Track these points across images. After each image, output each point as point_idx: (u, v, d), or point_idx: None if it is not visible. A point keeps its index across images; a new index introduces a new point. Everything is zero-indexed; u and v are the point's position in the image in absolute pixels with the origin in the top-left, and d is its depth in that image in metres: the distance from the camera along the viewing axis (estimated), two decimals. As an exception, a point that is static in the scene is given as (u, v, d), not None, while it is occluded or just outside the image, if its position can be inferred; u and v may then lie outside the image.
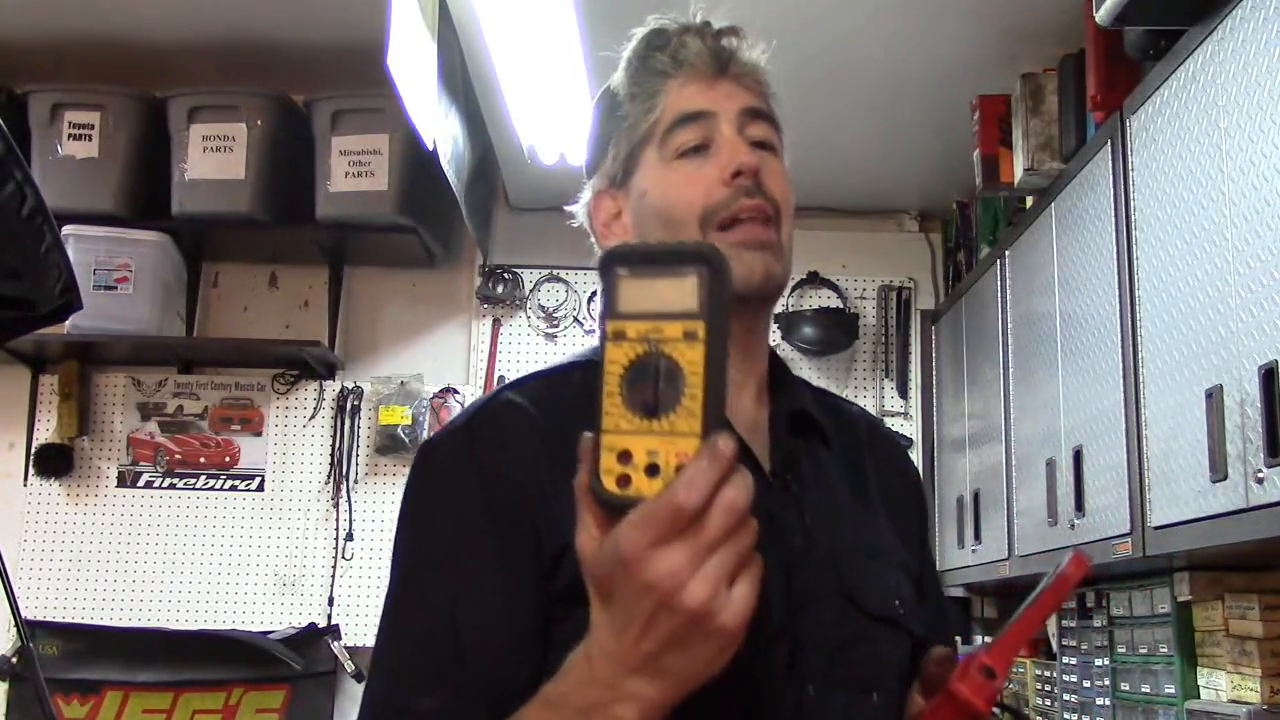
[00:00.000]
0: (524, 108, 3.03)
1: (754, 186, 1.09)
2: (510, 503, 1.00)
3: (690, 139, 1.11)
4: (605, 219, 1.17)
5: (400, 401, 3.71)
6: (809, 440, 1.13)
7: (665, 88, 1.13)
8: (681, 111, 1.11)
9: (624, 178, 1.15)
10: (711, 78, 1.13)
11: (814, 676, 1.01)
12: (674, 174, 1.11)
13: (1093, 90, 2.45)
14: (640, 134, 1.13)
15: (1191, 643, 2.32)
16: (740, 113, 1.12)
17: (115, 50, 3.39)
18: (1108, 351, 2.36)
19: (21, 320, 1.97)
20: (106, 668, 3.49)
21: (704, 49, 1.13)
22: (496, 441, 1.04)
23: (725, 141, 1.11)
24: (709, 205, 1.08)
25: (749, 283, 1.07)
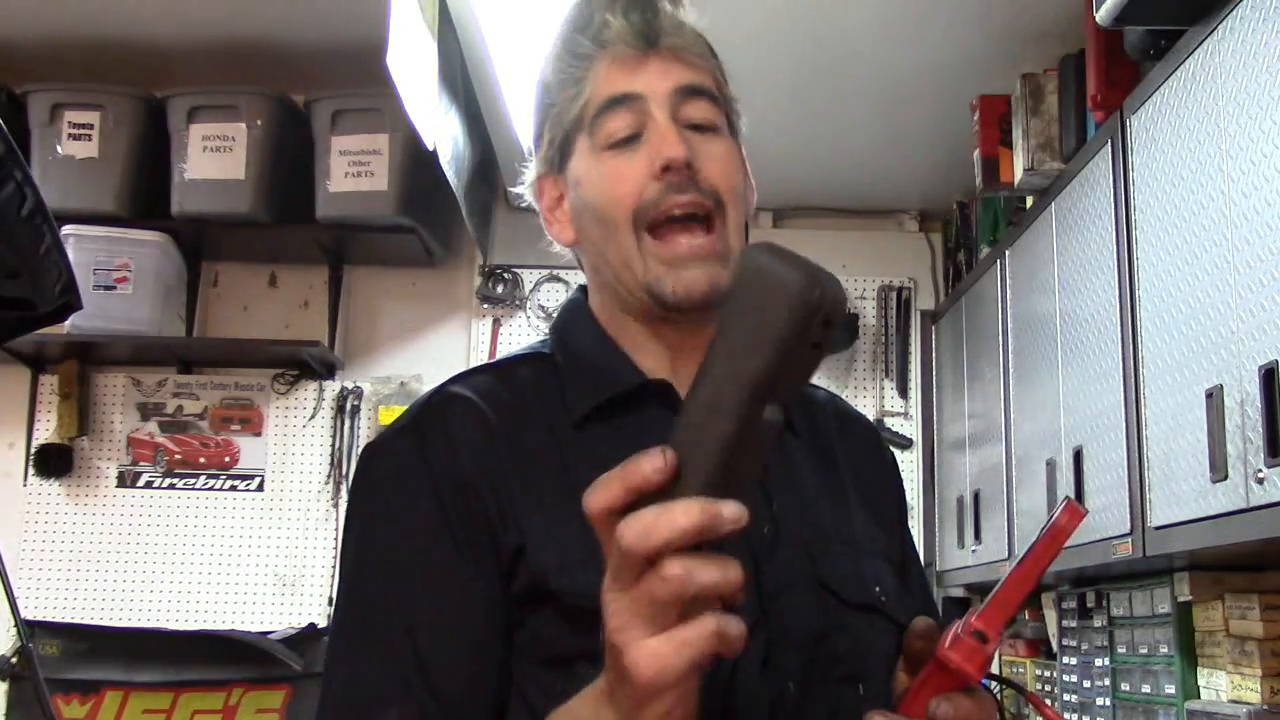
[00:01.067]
0: (524, 108, 3.03)
1: (685, 181, 1.01)
2: (463, 504, 0.96)
3: (619, 127, 1.03)
4: (549, 204, 1.13)
5: (400, 401, 3.70)
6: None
7: (590, 71, 1.05)
8: (607, 96, 1.03)
9: (560, 164, 1.09)
10: (638, 55, 1.04)
11: (792, 671, 0.96)
12: (604, 167, 1.04)
13: (1093, 90, 2.45)
14: (569, 120, 1.06)
15: (1191, 643, 2.32)
16: (672, 93, 1.03)
17: (115, 50, 3.39)
18: (1108, 351, 2.36)
19: (21, 320, 1.97)
20: (106, 668, 3.49)
21: (626, 25, 1.04)
22: (445, 440, 1.00)
23: (654, 129, 1.02)
24: (639, 204, 1.02)
25: (691, 298, 1.01)
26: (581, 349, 1.09)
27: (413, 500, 0.98)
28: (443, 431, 1.00)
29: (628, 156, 1.03)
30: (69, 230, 3.25)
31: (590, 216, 1.06)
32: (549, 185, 1.12)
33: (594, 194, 1.05)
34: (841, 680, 0.99)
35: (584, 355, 1.08)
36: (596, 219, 1.05)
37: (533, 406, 1.03)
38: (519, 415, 1.02)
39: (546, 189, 1.12)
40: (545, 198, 1.13)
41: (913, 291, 3.95)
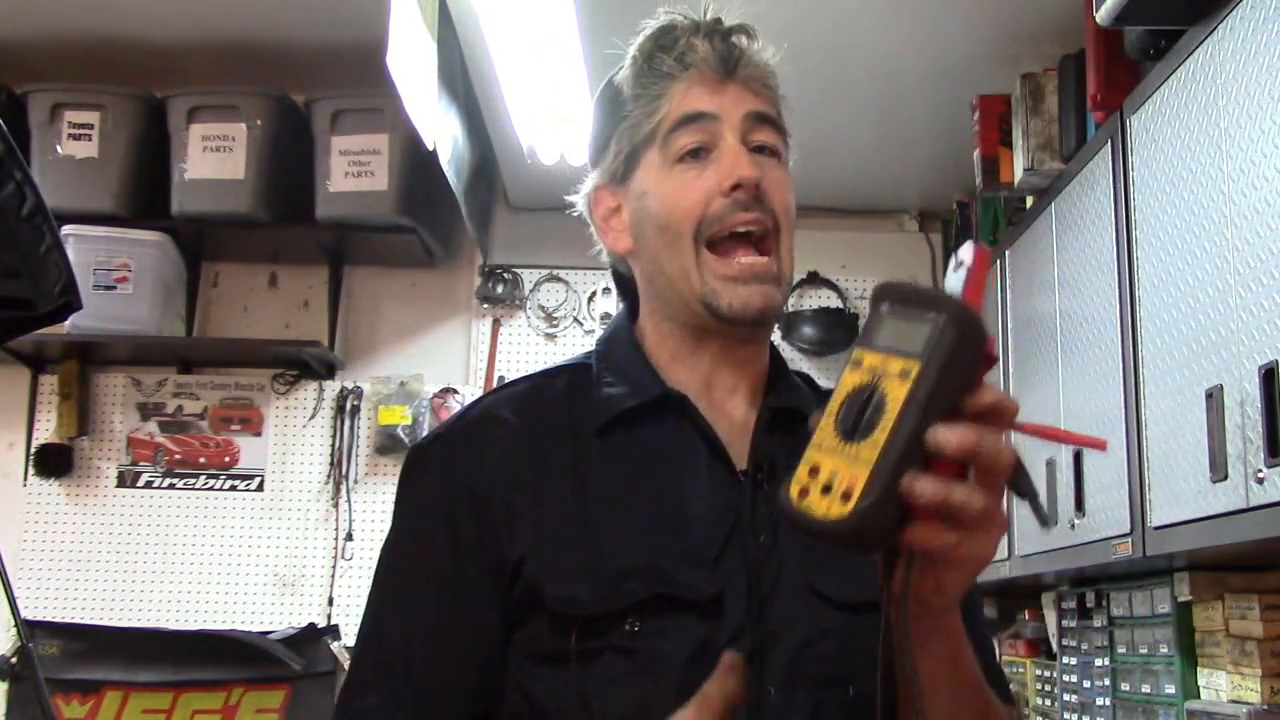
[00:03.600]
0: (524, 108, 3.03)
1: (752, 200, 1.07)
2: (478, 515, 1.05)
3: (691, 141, 1.09)
4: (604, 214, 1.17)
5: (400, 401, 3.71)
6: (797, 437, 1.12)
7: (670, 90, 1.11)
8: (684, 113, 1.10)
9: (625, 176, 1.14)
10: (718, 80, 1.11)
11: (774, 676, 1.01)
12: (674, 179, 1.10)
13: (1093, 90, 2.45)
14: (643, 134, 1.12)
15: (1191, 643, 2.32)
16: (745, 117, 1.10)
17: (115, 50, 3.39)
18: (1108, 351, 2.36)
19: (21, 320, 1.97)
20: (106, 668, 3.49)
21: (711, 51, 1.11)
22: (472, 452, 1.08)
23: (727, 149, 1.09)
24: (705, 215, 1.07)
25: (745, 314, 1.07)
26: (616, 361, 1.15)
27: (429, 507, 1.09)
28: (470, 444, 1.09)
29: (698, 170, 1.09)
30: (69, 230, 3.25)
31: (652, 226, 1.11)
32: (607, 196, 1.17)
33: (660, 204, 1.10)
34: (827, 683, 1.03)
35: (616, 367, 1.14)
36: (658, 228, 1.11)
37: (561, 416, 1.11)
38: (546, 425, 1.10)
39: (604, 199, 1.17)
40: (601, 207, 1.18)
41: (913, 291, 3.95)
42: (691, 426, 1.09)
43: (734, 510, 1.06)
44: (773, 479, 1.08)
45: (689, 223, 1.08)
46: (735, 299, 1.07)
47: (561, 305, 3.86)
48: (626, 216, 1.15)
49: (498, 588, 1.04)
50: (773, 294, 1.08)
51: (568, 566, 1.02)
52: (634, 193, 1.13)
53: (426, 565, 1.07)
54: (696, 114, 1.09)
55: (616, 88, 1.15)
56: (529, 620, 1.03)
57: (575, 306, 3.85)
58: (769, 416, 1.12)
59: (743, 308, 1.07)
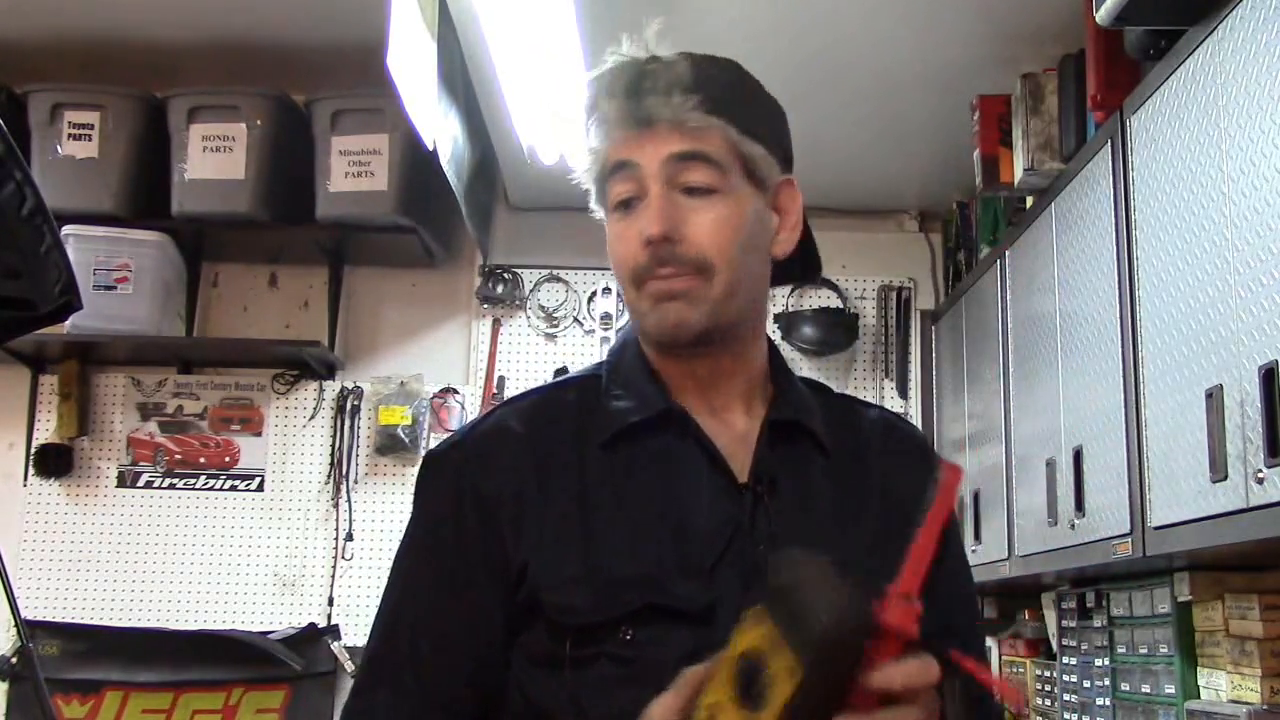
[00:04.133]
0: (524, 108, 3.03)
1: (668, 253, 1.10)
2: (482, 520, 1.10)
3: (623, 191, 1.13)
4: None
5: (400, 401, 3.71)
6: (801, 449, 1.16)
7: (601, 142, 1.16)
8: (612, 163, 1.14)
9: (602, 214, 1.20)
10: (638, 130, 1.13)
11: None
12: (613, 228, 1.16)
13: (1093, 90, 2.45)
14: (591, 178, 1.18)
15: (1191, 643, 2.32)
16: (664, 161, 1.11)
17: (115, 50, 3.39)
18: (1108, 351, 2.36)
19: (21, 320, 1.97)
20: (106, 668, 3.49)
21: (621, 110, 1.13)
22: (482, 462, 1.13)
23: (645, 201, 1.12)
24: (634, 269, 1.12)
25: (661, 330, 1.13)
26: (623, 375, 1.19)
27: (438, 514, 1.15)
28: (481, 453, 1.14)
29: (627, 221, 1.14)
30: (69, 230, 3.25)
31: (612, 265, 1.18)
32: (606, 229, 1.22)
33: (611, 251, 1.17)
34: None
35: (624, 381, 1.18)
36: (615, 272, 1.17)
37: (569, 428, 1.15)
38: (554, 436, 1.14)
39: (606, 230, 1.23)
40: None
41: (913, 291, 3.95)
42: (693, 440, 1.13)
43: (733, 522, 1.10)
44: (773, 492, 1.11)
45: (625, 271, 1.14)
46: (652, 320, 1.13)
47: (561, 305, 3.86)
48: None
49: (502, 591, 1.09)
50: (685, 311, 1.11)
51: (566, 575, 1.07)
52: None
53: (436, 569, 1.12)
54: (619, 163, 1.13)
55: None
56: (531, 625, 1.08)
57: (575, 306, 3.85)
58: (770, 430, 1.15)
59: (658, 325, 1.13)
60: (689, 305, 1.11)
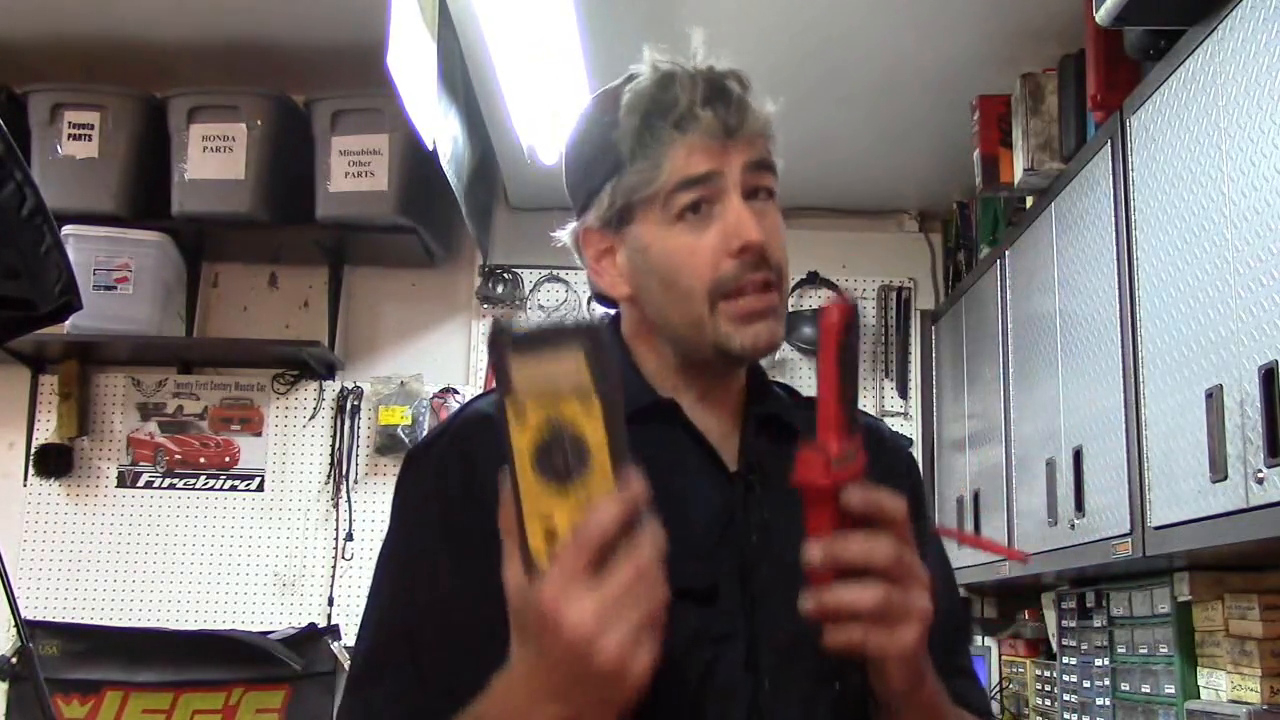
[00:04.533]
0: (524, 108, 3.03)
1: (760, 260, 1.09)
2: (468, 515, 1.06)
3: (692, 198, 1.10)
4: (596, 254, 1.17)
5: (400, 401, 3.71)
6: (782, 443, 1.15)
7: (670, 152, 1.10)
8: (687, 176, 1.10)
9: (619, 223, 1.14)
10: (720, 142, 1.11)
11: (770, 672, 1.05)
12: (677, 237, 1.10)
13: (1093, 90, 2.45)
14: (641, 193, 1.11)
15: (1191, 643, 2.32)
16: (744, 166, 1.11)
17: (115, 50, 3.39)
18: (1108, 351, 2.36)
19: (21, 320, 1.97)
20: (106, 668, 3.49)
21: (713, 119, 1.10)
22: (465, 454, 1.09)
23: (730, 208, 1.09)
24: (716, 279, 1.09)
25: (755, 351, 1.11)
26: None
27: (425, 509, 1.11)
28: (463, 447, 1.10)
29: (700, 231, 1.10)
30: (69, 230, 3.25)
31: (657, 281, 1.13)
32: (596, 238, 1.17)
33: (666, 262, 1.11)
34: (818, 680, 1.07)
35: None
36: (664, 285, 1.12)
37: None
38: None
39: (595, 240, 1.17)
40: (591, 248, 1.18)
41: (913, 291, 3.95)
42: (682, 431, 1.13)
43: (727, 510, 1.10)
44: (764, 481, 1.11)
45: (701, 284, 1.10)
46: (746, 338, 1.10)
47: (561, 305, 3.87)
48: (623, 263, 1.15)
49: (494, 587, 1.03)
50: (777, 330, 1.12)
51: None
52: (631, 242, 1.13)
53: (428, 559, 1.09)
54: (700, 176, 1.09)
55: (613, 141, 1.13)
56: None
57: (575, 306, 3.85)
58: (755, 422, 1.16)
59: (753, 345, 1.10)
60: (777, 321, 1.12)
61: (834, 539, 0.90)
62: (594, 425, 0.80)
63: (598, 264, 1.18)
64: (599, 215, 1.15)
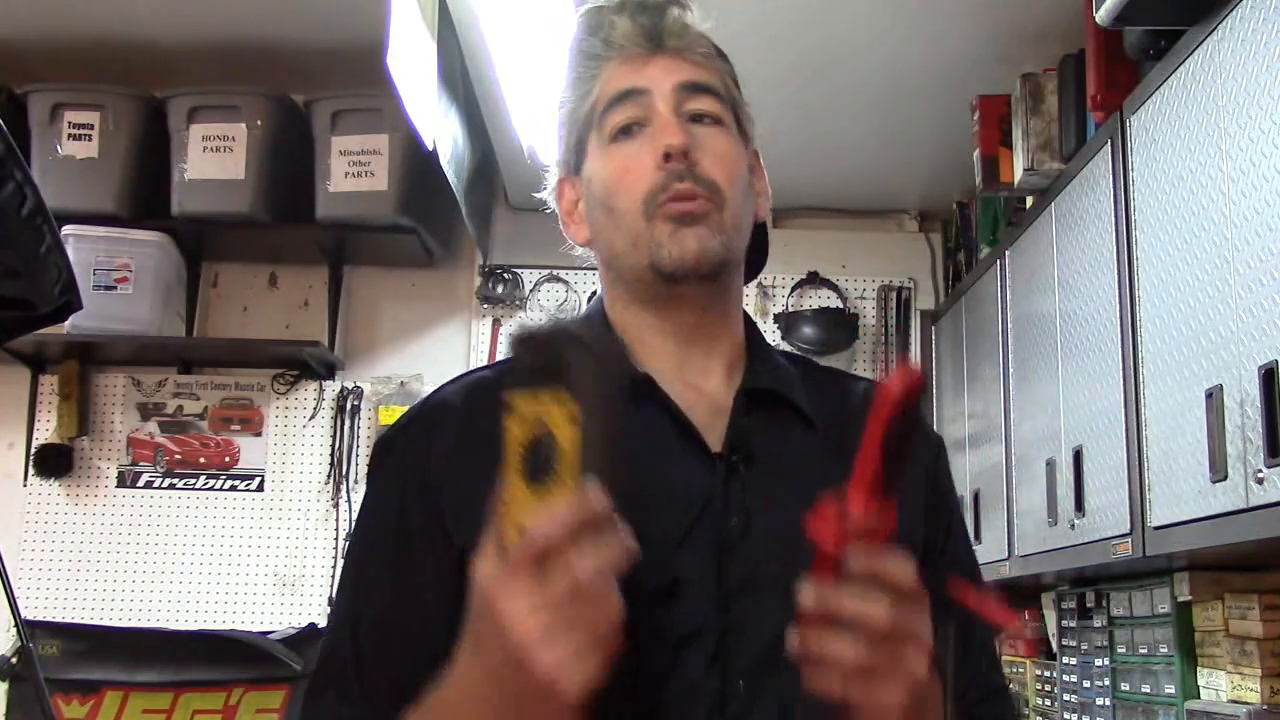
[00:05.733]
0: (524, 108, 3.03)
1: (685, 170, 1.05)
2: (424, 506, 1.03)
3: (623, 119, 1.08)
4: (567, 207, 1.17)
5: (400, 401, 3.70)
6: (781, 420, 1.09)
7: (600, 71, 1.10)
8: (614, 92, 1.08)
9: (577, 165, 1.14)
10: (645, 55, 1.09)
11: (745, 669, 0.98)
12: (612, 159, 1.09)
13: (1093, 90, 2.45)
14: (580, 120, 1.11)
15: (1191, 643, 2.32)
16: (675, 88, 1.08)
17: (115, 50, 3.39)
18: (1108, 351, 2.36)
19: (21, 320, 1.97)
20: (106, 668, 3.49)
21: (633, 27, 1.09)
22: (422, 443, 1.06)
23: (658, 119, 1.07)
24: (647, 191, 1.06)
25: (684, 259, 1.05)
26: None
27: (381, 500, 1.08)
28: (422, 434, 1.07)
29: (634, 146, 1.08)
30: (69, 230, 3.25)
31: (600, 208, 1.11)
32: (568, 188, 1.17)
33: (603, 186, 1.09)
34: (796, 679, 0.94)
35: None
36: (607, 210, 1.09)
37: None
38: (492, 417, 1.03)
39: (566, 192, 1.17)
40: (564, 200, 1.17)
41: (912, 291, 3.95)
42: (661, 409, 1.06)
43: (704, 494, 1.02)
44: (749, 462, 1.04)
45: (633, 201, 1.06)
46: (675, 247, 1.05)
47: (562, 305, 3.86)
48: (583, 206, 1.14)
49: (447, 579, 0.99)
50: (708, 237, 1.05)
51: None
52: (585, 180, 1.13)
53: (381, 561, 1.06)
54: (625, 91, 1.08)
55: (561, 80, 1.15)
56: None
57: (575, 306, 3.85)
58: (746, 399, 1.09)
59: (681, 253, 1.05)
60: (709, 231, 1.05)
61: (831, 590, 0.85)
62: (568, 427, 0.80)
63: (569, 217, 1.17)
64: (562, 160, 1.16)
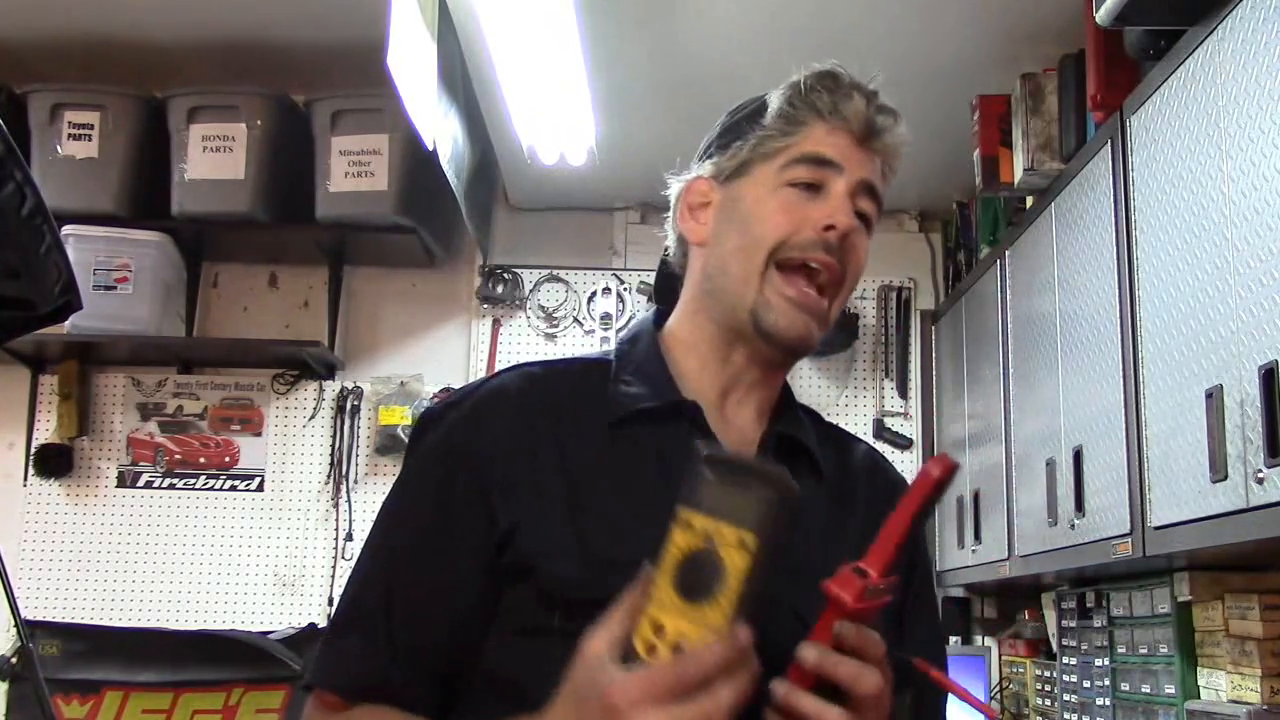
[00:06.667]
0: (524, 108, 3.03)
1: (836, 246, 1.13)
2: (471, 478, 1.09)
3: (808, 176, 1.15)
4: (694, 202, 1.22)
5: (400, 401, 3.71)
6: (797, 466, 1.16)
7: (813, 124, 1.16)
8: (815, 152, 1.15)
9: (731, 177, 1.19)
10: (856, 139, 1.17)
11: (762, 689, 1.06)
12: (779, 197, 1.15)
13: (1093, 90, 2.45)
14: (767, 151, 1.17)
15: (1191, 643, 2.32)
16: (861, 183, 1.17)
17: (115, 50, 3.39)
18: (1108, 351, 2.36)
19: (21, 320, 1.97)
20: (106, 668, 3.49)
21: (864, 112, 1.18)
22: (475, 421, 1.13)
23: (835, 194, 1.15)
24: (790, 238, 1.13)
25: (788, 337, 1.14)
26: (637, 363, 1.19)
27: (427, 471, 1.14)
28: (476, 413, 1.14)
29: (802, 200, 1.15)
30: (69, 230, 3.25)
31: (735, 228, 1.17)
32: (705, 187, 1.21)
33: (754, 212, 1.16)
34: None
35: (637, 369, 1.18)
36: (741, 231, 1.16)
37: (574, 405, 1.15)
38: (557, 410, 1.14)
39: (701, 189, 1.22)
40: (694, 195, 1.22)
41: (913, 291, 3.95)
42: (700, 434, 1.13)
43: None
44: None
45: (773, 237, 1.13)
46: (783, 319, 1.13)
47: (561, 305, 3.86)
48: (714, 212, 1.19)
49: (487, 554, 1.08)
50: (815, 330, 1.15)
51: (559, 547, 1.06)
52: (731, 194, 1.18)
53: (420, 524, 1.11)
54: (826, 159, 1.15)
55: (766, 101, 1.20)
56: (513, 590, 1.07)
57: (575, 306, 3.85)
58: (774, 440, 1.18)
59: (788, 329, 1.13)
60: (819, 326, 1.15)
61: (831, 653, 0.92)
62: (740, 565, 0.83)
63: (691, 211, 1.22)
64: (718, 165, 1.20)
